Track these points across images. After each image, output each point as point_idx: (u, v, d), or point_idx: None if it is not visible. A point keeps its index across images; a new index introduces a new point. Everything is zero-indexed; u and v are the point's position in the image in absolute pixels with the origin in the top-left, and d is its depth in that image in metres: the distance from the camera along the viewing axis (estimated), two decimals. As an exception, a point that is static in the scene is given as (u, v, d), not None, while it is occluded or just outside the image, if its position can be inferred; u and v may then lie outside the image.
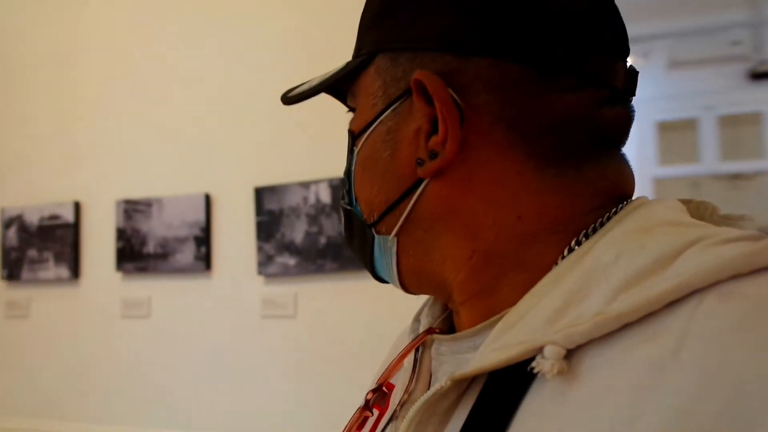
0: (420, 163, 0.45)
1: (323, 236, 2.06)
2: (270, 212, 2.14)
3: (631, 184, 0.47)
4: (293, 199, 2.11)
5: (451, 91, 0.43)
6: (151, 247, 2.30)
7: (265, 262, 2.13)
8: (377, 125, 0.48)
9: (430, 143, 0.44)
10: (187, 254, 2.25)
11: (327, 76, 0.52)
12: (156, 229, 2.30)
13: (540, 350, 0.37)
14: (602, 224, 0.43)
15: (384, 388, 0.52)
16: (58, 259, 2.44)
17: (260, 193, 2.15)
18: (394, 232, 0.48)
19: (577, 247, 0.42)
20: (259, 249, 2.14)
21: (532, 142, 0.43)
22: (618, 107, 0.45)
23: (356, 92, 0.51)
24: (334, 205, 2.05)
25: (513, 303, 0.42)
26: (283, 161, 2.15)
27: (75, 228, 2.43)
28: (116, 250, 2.35)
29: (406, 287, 0.51)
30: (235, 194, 2.21)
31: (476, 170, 0.44)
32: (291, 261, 2.10)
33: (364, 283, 2.00)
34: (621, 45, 0.46)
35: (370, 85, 0.48)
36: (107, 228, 2.39)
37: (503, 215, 0.44)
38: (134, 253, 2.32)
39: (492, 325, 0.43)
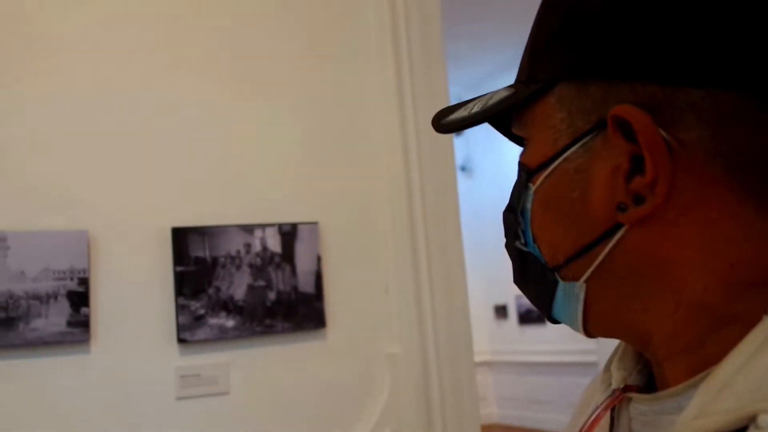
0: (623, 208, 0.41)
1: (272, 291, 1.72)
2: (198, 260, 1.66)
3: None
4: (231, 245, 1.70)
5: (659, 128, 0.40)
6: (-21, 309, 1.47)
7: (190, 325, 1.63)
8: (562, 162, 0.45)
9: (632, 185, 0.41)
10: (54, 318, 1.52)
11: (492, 101, 0.49)
12: (-9, 280, 1.49)
13: (752, 419, 0.34)
14: None
15: None
16: None
17: (181, 236, 1.66)
18: (583, 278, 0.45)
19: None
20: (182, 308, 1.63)
21: (752, 181, 0.39)
22: None
23: (527, 121, 0.48)
24: (285, 254, 1.75)
25: (720, 360, 0.39)
26: (216, 198, 1.72)
27: None
28: None
29: (591, 333, 0.48)
30: (137, 234, 1.64)
31: (685, 214, 0.40)
32: (229, 322, 1.67)
33: (322, 342, 1.76)
34: None
35: (551, 115, 0.45)
36: None
37: (714, 264, 0.40)
38: (-62, 320, 1.44)
39: (697, 385, 0.40)
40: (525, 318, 7.00)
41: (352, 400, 1.77)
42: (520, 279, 0.52)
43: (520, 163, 0.49)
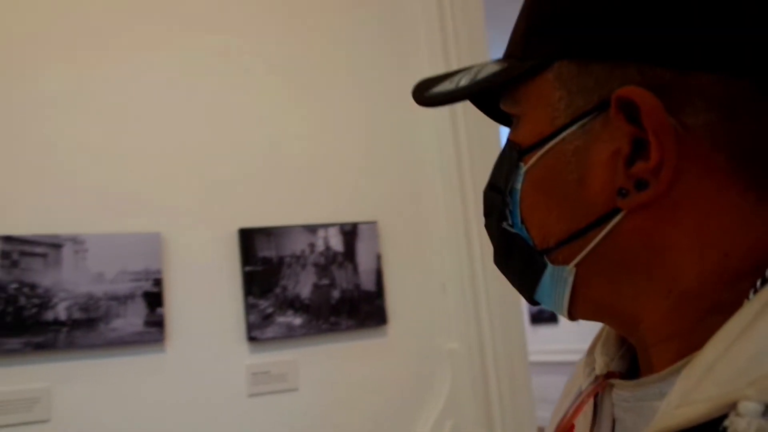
0: (624, 193, 0.40)
1: (336, 289, 1.76)
2: (266, 260, 1.70)
3: None
4: (296, 245, 1.74)
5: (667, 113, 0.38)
6: (61, 311, 1.50)
7: (259, 324, 1.67)
8: (558, 142, 0.43)
9: (634, 170, 0.39)
10: (132, 318, 1.56)
11: (483, 75, 0.47)
12: (71, 282, 1.52)
13: (733, 406, 0.34)
14: None
15: None
16: None
17: (249, 236, 1.69)
18: (574, 262, 0.43)
19: None
20: (251, 307, 1.67)
21: (756, 172, 0.39)
22: None
23: (520, 98, 0.46)
24: (347, 253, 1.79)
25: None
26: (281, 199, 1.76)
27: None
28: (-20, 318, 1.44)
29: (574, 316, 0.47)
30: (206, 236, 1.67)
31: (685, 201, 0.39)
32: (296, 320, 1.71)
33: (384, 339, 1.80)
34: None
35: (548, 93, 0.43)
36: (-44, 282, 1.45)
37: (708, 253, 0.39)
38: (23, 322, 1.47)
39: (678, 371, 0.39)
40: (537, 318, 7.04)
41: (414, 394, 1.81)
42: (502, 260, 0.50)
43: (509, 141, 0.47)
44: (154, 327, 1.58)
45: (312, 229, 1.76)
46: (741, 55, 0.37)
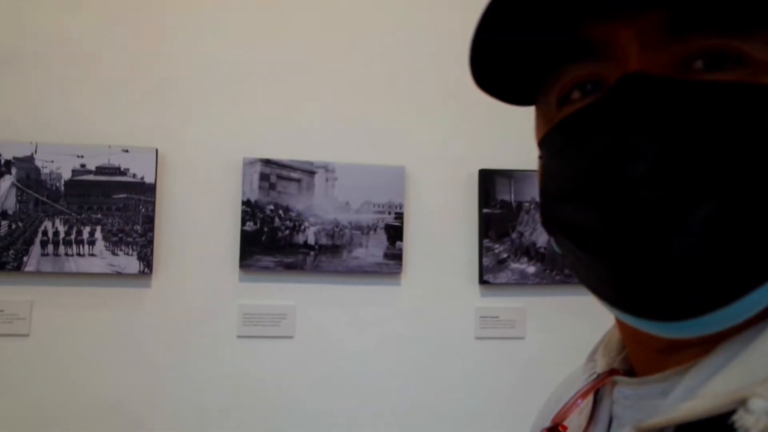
0: None
1: (573, 241, 1.68)
2: (504, 204, 1.65)
3: None
4: (536, 190, 1.67)
5: None
6: (310, 235, 1.57)
7: (492, 268, 1.64)
8: None
9: None
10: (373, 249, 1.60)
11: None
12: (321, 208, 1.58)
13: (742, 403, 0.32)
14: None
15: (559, 428, 0.48)
16: (112, 238, 1.49)
17: (489, 178, 1.65)
18: None
19: None
20: (487, 250, 1.64)
21: None
22: None
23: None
24: (588, 204, 1.69)
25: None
26: (522, 143, 1.69)
27: (152, 192, 1.52)
28: (240, 236, 1.54)
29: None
30: (447, 174, 1.65)
31: None
32: (530, 268, 1.66)
33: (618, 299, 1.70)
34: None
35: None
36: (222, 198, 1.56)
37: None
38: (276, 242, 1.55)
39: (684, 372, 0.37)
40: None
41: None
42: (729, 240, 0.33)
43: (754, 86, 0.33)
44: (393, 260, 1.60)
45: (554, 175, 1.68)
46: None
